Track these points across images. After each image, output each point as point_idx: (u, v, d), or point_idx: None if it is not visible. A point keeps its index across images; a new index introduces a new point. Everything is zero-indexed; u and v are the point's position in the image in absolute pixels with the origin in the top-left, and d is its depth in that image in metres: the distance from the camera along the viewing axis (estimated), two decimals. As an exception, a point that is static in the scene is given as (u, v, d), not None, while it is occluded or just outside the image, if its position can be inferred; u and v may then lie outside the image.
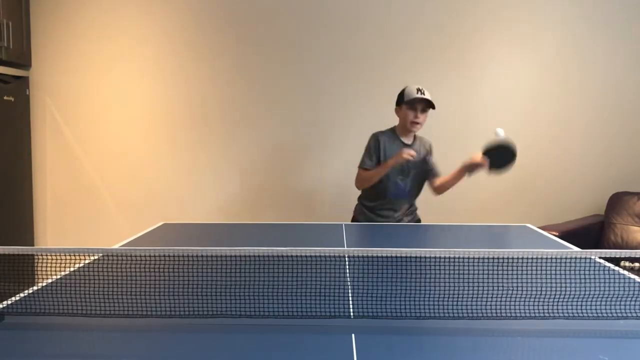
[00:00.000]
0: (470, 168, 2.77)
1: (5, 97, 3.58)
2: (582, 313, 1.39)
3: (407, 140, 2.85)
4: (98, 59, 3.82)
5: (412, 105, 2.74)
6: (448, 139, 3.77)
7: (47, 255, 1.43)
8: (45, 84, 3.86)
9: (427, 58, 3.74)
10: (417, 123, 2.76)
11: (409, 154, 2.65)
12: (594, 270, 1.66)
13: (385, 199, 2.84)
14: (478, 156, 2.71)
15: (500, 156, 2.66)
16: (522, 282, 1.58)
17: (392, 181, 2.80)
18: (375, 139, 2.83)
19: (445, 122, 3.77)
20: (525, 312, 1.39)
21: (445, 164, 3.79)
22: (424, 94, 2.72)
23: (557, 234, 2.99)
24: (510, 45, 3.72)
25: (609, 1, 3.66)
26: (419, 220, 3.02)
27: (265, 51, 3.78)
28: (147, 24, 3.79)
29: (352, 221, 2.99)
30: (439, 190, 2.94)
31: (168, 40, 3.79)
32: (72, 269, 1.76)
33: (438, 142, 3.76)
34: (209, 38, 3.78)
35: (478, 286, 1.55)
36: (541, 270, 1.70)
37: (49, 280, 1.63)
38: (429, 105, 2.75)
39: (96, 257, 1.88)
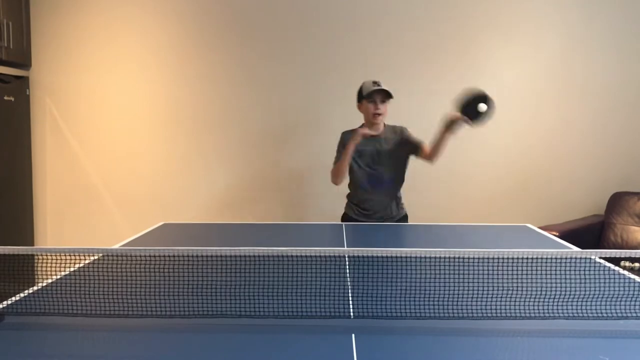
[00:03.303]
0: (450, 126, 2.70)
1: (5, 97, 3.58)
2: (582, 313, 1.39)
3: (374, 132, 2.88)
4: (98, 59, 3.82)
5: (371, 98, 2.81)
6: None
7: (47, 255, 1.43)
8: (45, 83, 3.86)
9: (426, 58, 3.74)
10: (379, 114, 2.82)
11: (362, 132, 2.77)
12: (594, 270, 1.66)
13: (364, 190, 2.89)
14: (454, 113, 2.67)
15: (475, 107, 2.61)
16: (522, 282, 1.58)
17: (363, 170, 2.87)
18: (342, 136, 2.92)
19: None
20: (525, 312, 1.39)
21: (444, 165, 3.80)
22: (380, 86, 2.80)
23: (557, 234, 2.99)
24: (510, 46, 3.71)
25: (609, 2, 3.66)
26: (405, 216, 3.01)
27: (264, 52, 3.78)
28: (148, 23, 3.79)
29: (342, 216, 3.03)
30: (432, 156, 2.87)
31: (168, 40, 3.79)
32: (72, 269, 1.76)
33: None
34: (209, 38, 3.78)
35: (478, 286, 1.55)
36: (541, 270, 1.70)
37: (49, 281, 1.63)
38: (387, 95, 2.82)
39: (96, 257, 1.88)
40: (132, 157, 3.88)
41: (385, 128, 2.93)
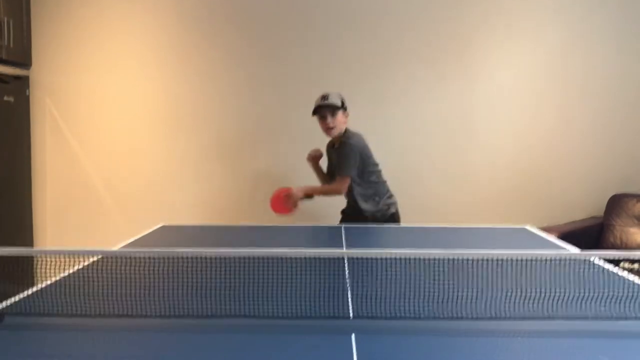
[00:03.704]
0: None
1: (5, 97, 3.58)
2: (581, 314, 1.39)
3: (337, 143, 2.97)
4: (98, 59, 3.82)
5: (319, 114, 2.88)
6: (447, 139, 3.77)
7: (47, 257, 1.44)
8: (45, 83, 3.86)
9: (425, 56, 3.74)
10: (330, 128, 2.88)
11: (310, 157, 3.06)
12: (594, 271, 1.66)
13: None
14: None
15: None
16: (522, 283, 1.58)
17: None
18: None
19: (444, 123, 3.77)
20: (525, 313, 1.39)
21: (445, 164, 3.81)
22: (326, 100, 2.84)
23: (557, 235, 2.99)
24: (510, 46, 3.72)
25: (609, 2, 3.66)
26: (393, 215, 3.03)
27: (265, 51, 3.78)
28: (148, 23, 3.79)
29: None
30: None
31: (169, 40, 3.80)
32: (72, 271, 1.76)
33: (437, 142, 3.78)
34: (209, 39, 3.78)
35: (478, 287, 1.55)
36: (541, 271, 1.70)
37: (49, 281, 1.63)
38: (333, 109, 2.83)
39: (96, 259, 1.88)
40: (132, 156, 3.88)
41: (341, 137, 2.94)
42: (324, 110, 2.85)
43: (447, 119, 3.77)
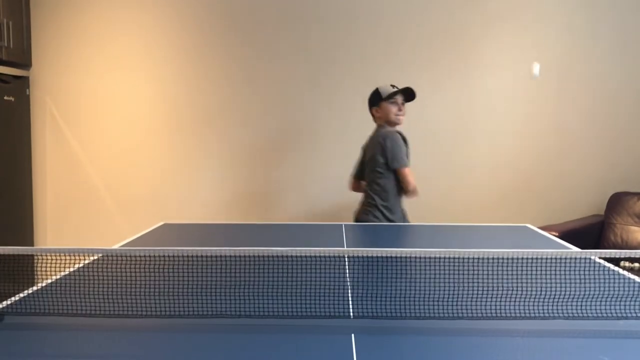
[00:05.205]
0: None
1: (5, 97, 3.58)
2: (582, 313, 1.39)
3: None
4: (98, 59, 3.83)
5: (394, 100, 2.83)
6: (447, 139, 3.77)
7: (46, 256, 1.44)
8: (45, 83, 3.86)
9: (425, 56, 3.74)
10: (402, 115, 2.85)
11: None
12: (594, 270, 1.66)
13: (399, 196, 2.90)
14: None
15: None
16: (522, 282, 1.58)
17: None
18: (401, 137, 2.84)
19: (444, 124, 3.77)
20: (525, 313, 1.39)
21: (445, 164, 3.80)
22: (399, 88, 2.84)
23: (557, 234, 2.99)
24: (509, 45, 3.72)
25: (609, 2, 3.66)
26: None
27: (264, 51, 3.78)
28: (148, 24, 3.79)
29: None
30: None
31: (168, 40, 3.80)
32: (72, 269, 1.76)
33: (437, 142, 3.78)
34: (209, 39, 3.78)
35: (478, 286, 1.55)
36: (541, 270, 1.70)
37: (49, 281, 1.63)
38: (409, 97, 2.85)
39: (96, 257, 1.88)
40: (133, 156, 3.88)
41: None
42: (401, 95, 2.83)
43: (447, 119, 3.77)
